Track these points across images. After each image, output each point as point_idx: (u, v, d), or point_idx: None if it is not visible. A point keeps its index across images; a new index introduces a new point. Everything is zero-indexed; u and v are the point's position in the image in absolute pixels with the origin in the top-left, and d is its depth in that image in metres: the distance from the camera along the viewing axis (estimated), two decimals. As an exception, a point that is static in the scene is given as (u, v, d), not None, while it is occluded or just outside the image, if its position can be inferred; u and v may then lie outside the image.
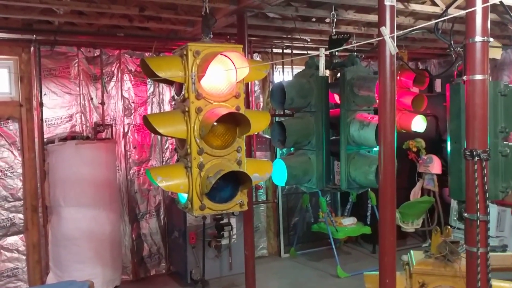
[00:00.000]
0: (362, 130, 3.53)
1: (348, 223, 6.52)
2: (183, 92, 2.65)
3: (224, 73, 2.64)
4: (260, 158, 6.10)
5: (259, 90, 6.55)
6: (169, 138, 5.96)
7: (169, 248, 6.04)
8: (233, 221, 5.62)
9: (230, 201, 2.67)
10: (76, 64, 5.50)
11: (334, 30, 4.06)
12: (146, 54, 5.78)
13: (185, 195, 2.69)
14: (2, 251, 5.21)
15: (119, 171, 5.69)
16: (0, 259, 5.19)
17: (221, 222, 5.48)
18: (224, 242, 5.62)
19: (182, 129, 2.62)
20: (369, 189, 5.44)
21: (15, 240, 5.28)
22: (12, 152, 5.21)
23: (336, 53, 3.89)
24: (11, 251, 5.25)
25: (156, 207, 6.02)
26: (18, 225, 5.28)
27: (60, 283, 4.39)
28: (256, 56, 6.27)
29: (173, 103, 5.96)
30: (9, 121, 5.19)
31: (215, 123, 2.58)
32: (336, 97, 4.07)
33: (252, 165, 2.79)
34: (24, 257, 5.32)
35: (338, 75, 3.98)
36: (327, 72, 4.64)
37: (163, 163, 6.02)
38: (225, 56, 2.61)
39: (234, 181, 2.66)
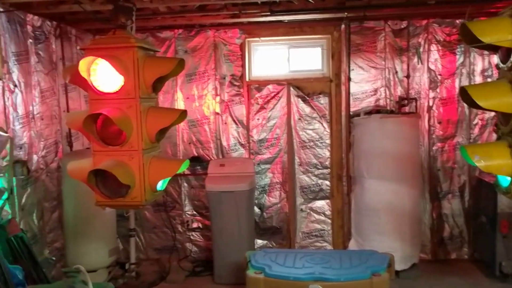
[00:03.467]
0: None
1: None
2: (511, 59, 2.26)
3: None
4: None
5: None
6: (479, 113, 5.41)
7: (474, 233, 5.52)
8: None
9: None
10: (383, 38, 5.51)
11: None
12: (457, 21, 5.32)
13: (509, 178, 2.32)
14: (311, 212, 5.81)
15: (422, 147, 5.49)
16: (310, 220, 5.82)
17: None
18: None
19: (508, 102, 2.25)
20: None
21: (322, 204, 5.79)
22: (322, 124, 5.68)
23: None
24: (319, 213, 5.80)
25: (460, 188, 5.57)
26: (325, 191, 5.76)
27: (363, 251, 4.57)
28: None
29: (488, 74, 5.35)
30: (320, 95, 5.65)
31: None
32: None
33: None
34: (329, 221, 5.80)
35: None
36: None
37: (470, 141, 5.50)
38: None
39: None
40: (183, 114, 3.22)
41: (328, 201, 5.78)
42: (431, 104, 5.51)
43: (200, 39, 5.69)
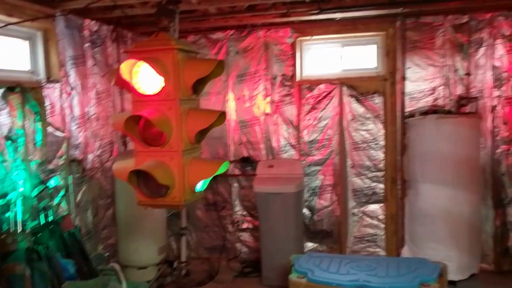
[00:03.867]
0: None
1: None
2: None
3: None
4: None
5: None
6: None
7: (542, 243, 5.09)
8: None
9: None
10: (442, 34, 5.21)
11: None
12: (525, 14, 4.94)
13: None
14: (364, 216, 5.62)
15: (483, 149, 5.12)
16: (362, 224, 5.63)
17: None
18: None
19: None
20: None
21: (375, 208, 5.58)
22: (376, 125, 5.48)
23: None
24: (371, 217, 5.60)
25: (527, 194, 5.16)
26: (378, 195, 5.55)
27: (413, 258, 4.35)
28: None
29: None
30: (374, 95, 5.45)
31: None
32: None
33: None
34: (382, 226, 5.58)
35: None
36: None
37: (540, 143, 5.07)
38: None
39: None
40: (222, 115, 3.22)
41: (381, 205, 5.57)
42: (495, 103, 5.13)
43: (251, 39, 5.69)
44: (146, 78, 3.05)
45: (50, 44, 4.23)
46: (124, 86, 3.12)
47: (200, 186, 3.21)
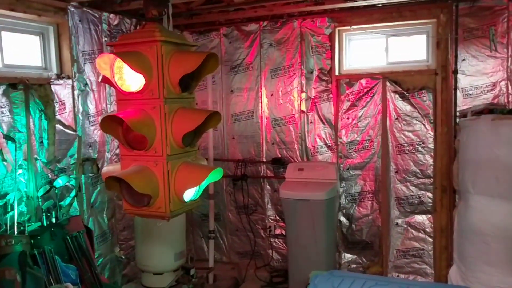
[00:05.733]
0: None
1: None
2: None
3: None
4: None
5: None
6: None
7: None
8: None
9: None
10: (505, 20, 4.42)
11: None
12: None
13: None
14: (409, 228, 4.97)
15: (554, 157, 4.29)
16: (406, 236, 4.99)
17: None
18: None
19: None
20: None
21: (423, 220, 4.92)
22: (424, 125, 4.81)
23: None
24: (418, 230, 4.94)
25: None
26: (426, 205, 4.89)
27: (450, 286, 3.69)
28: None
29: None
30: (423, 91, 4.78)
31: None
32: None
33: None
34: (430, 240, 4.91)
35: None
36: None
37: None
38: None
39: None
40: (215, 116, 2.84)
41: (429, 216, 4.90)
42: None
43: (286, 30, 5.22)
44: (130, 74, 2.76)
45: (62, 39, 4.07)
46: (109, 82, 2.83)
47: (190, 195, 2.86)
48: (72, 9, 4.07)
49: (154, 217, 2.87)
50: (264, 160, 5.44)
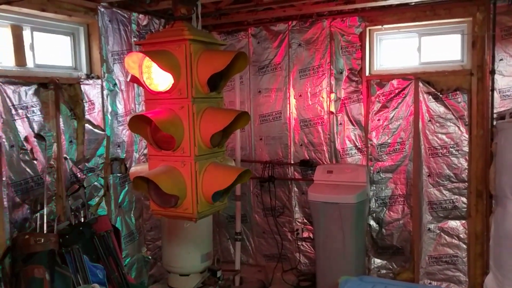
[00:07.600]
0: None
1: None
2: None
3: None
4: None
5: None
6: None
7: None
8: None
9: None
10: (547, 17, 4.24)
11: None
12: None
13: None
14: (442, 234, 4.81)
15: None
16: (439, 242, 4.82)
17: None
18: None
19: None
20: None
21: (456, 225, 4.75)
22: (458, 127, 4.64)
23: None
24: (451, 236, 4.77)
25: None
26: (460, 210, 4.71)
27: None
28: None
29: None
30: (457, 92, 4.61)
31: None
32: None
33: None
34: (464, 246, 4.73)
35: None
36: None
37: None
38: None
39: None
40: (244, 116, 2.78)
41: (464, 221, 4.72)
42: None
43: (315, 30, 5.14)
44: (159, 74, 2.73)
45: (92, 39, 4.10)
46: (137, 82, 2.81)
47: (218, 196, 2.82)
48: (102, 9, 4.10)
49: (181, 218, 2.84)
50: (292, 162, 5.36)
